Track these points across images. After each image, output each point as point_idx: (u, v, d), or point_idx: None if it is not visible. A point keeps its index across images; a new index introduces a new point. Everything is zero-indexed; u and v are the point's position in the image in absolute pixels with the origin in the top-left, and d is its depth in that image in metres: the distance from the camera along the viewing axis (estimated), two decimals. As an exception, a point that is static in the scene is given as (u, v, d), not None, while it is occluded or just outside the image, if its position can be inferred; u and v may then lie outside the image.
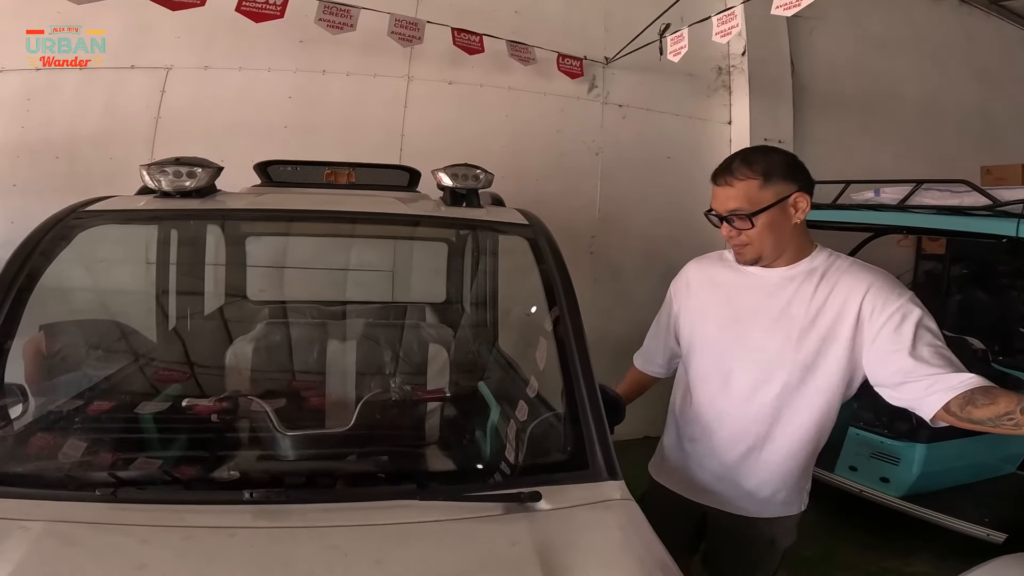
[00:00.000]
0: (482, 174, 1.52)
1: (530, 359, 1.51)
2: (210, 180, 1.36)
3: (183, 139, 3.03)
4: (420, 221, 1.43)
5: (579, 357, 1.22)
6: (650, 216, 3.56)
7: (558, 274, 1.32)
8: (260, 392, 1.80)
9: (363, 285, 2.89)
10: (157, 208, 1.29)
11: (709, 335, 1.33)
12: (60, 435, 1.26)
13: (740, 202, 1.19)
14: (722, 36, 2.61)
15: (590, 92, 3.56)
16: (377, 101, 3.22)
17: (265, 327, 1.99)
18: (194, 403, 1.48)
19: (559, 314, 1.28)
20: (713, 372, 1.31)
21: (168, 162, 1.33)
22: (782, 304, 1.23)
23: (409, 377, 1.88)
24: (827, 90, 4.02)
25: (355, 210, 1.34)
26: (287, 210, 1.34)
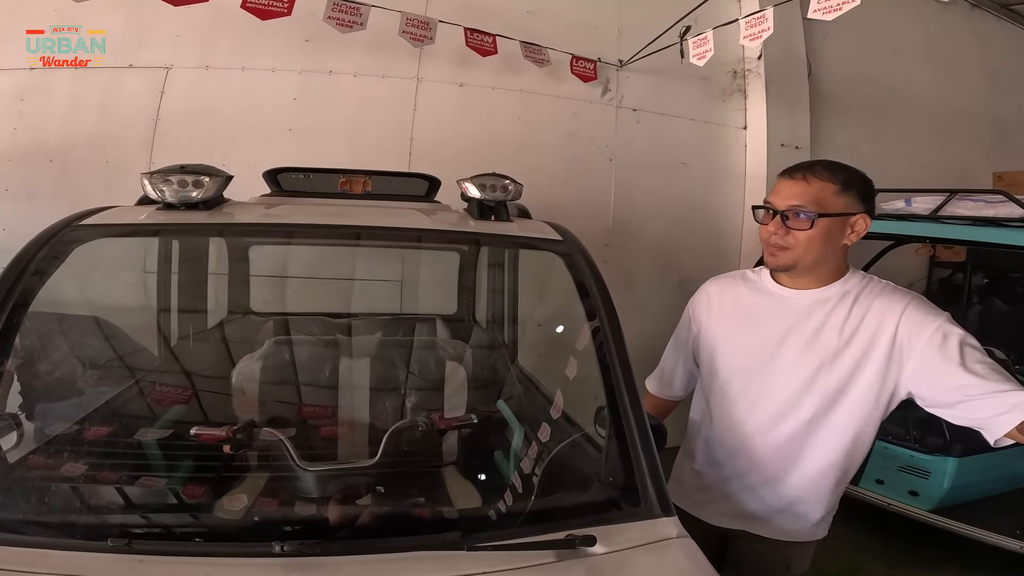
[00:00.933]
0: (511, 185, 1.41)
1: (556, 379, 1.44)
2: (218, 191, 1.25)
3: (183, 142, 2.93)
4: (451, 237, 1.31)
5: (626, 385, 1.14)
6: (665, 223, 3.47)
7: (599, 294, 1.22)
8: (269, 418, 1.71)
9: (370, 296, 2.78)
10: (160, 222, 1.18)
11: (734, 359, 1.28)
12: (61, 471, 1.16)
13: (808, 200, 1.14)
14: (751, 39, 2.51)
15: (604, 95, 3.46)
16: (385, 103, 3.11)
17: (273, 345, 1.89)
18: (202, 432, 1.38)
19: (602, 338, 1.18)
20: (738, 397, 1.26)
21: (172, 170, 1.21)
22: (813, 328, 1.18)
23: (426, 395, 1.79)
24: (842, 95, 3.96)
25: (381, 225, 1.23)
26: (305, 225, 1.23)
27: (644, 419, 1.11)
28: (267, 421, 1.69)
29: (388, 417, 1.75)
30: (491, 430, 1.61)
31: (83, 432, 1.34)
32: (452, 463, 1.70)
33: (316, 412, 1.76)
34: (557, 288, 1.41)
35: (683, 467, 1.42)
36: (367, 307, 2.65)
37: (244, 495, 1.32)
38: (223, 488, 1.32)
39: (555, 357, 2.04)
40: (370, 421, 1.73)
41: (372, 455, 1.32)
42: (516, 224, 1.39)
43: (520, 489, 1.27)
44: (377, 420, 1.71)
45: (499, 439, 1.58)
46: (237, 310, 2.44)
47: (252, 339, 2.33)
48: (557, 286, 1.51)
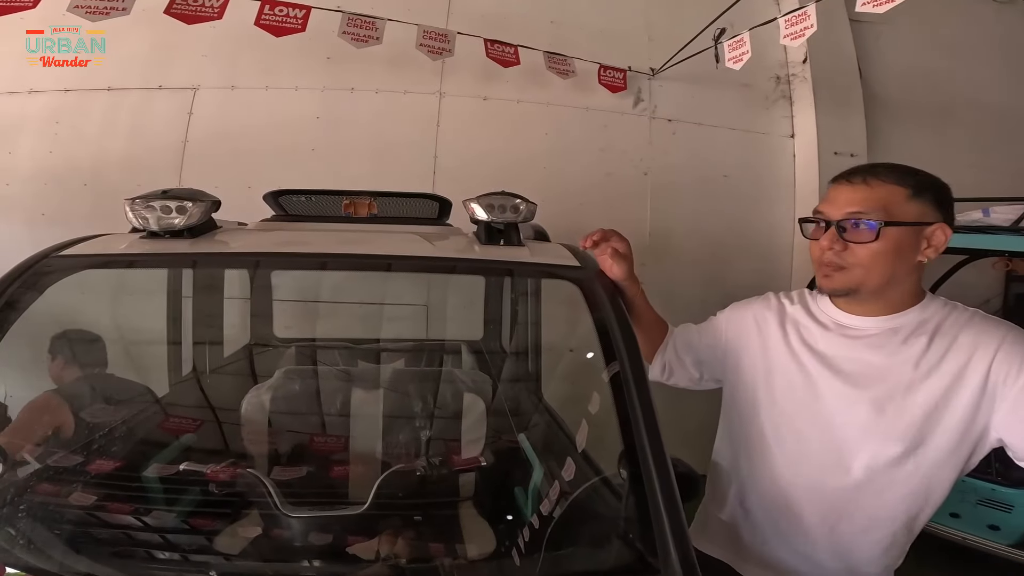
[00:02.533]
0: (523, 205, 1.26)
1: (579, 414, 1.31)
2: (203, 216, 1.14)
3: (210, 164, 2.94)
4: (449, 265, 1.17)
5: (647, 430, 0.96)
6: (706, 241, 3.23)
7: (620, 331, 1.05)
8: (273, 455, 1.63)
9: (396, 320, 2.69)
10: (137, 253, 1.08)
11: (777, 391, 1.07)
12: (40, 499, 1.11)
13: (872, 207, 0.94)
14: (793, 39, 2.30)
15: (636, 106, 3.29)
16: (408, 120, 3.04)
17: (282, 376, 1.81)
18: (193, 468, 1.30)
19: (622, 381, 1.01)
20: (783, 437, 1.06)
21: (154, 196, 1.12)
22: (882, 362, 0.97)
23: (442, 429, 1.67)
24: (899, 99, 3.65)
25: (371, 252, 1.10)
26: (289, 254, 1.11)
27: (669, 472, 0.93)
28: (270, 457, 1.63)
29: (399, 454, 1.65)
30: (510, 466, 1.51)
31: (74, 464, 1.28)
32: (469, 499, 1.57)
33: (323, 447, 1.66)
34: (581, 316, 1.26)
35: (709, 513, 1.22)
36: (393, 332, 2.56)
37: (231, 538, 1.23)
38: (212, 528, 1.22)
39: (578, 390, 1.91)
40: (378, 459, 1.63)
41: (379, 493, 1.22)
42: (528, 249, 1.23)
43: (535, 538, 1.13)
44: (387, 457, 1.61)
45: (520, 475, 1.48)
46: (259, 336, 2.41)
47: (273, 367, 2.34)
48: (581, 314, 1.39)
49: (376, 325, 2.64)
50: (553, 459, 1.50)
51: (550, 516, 1.14)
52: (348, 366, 2.08)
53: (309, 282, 2.61)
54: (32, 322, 1.61)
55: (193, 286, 2.03)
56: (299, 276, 2.58)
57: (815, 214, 1.01)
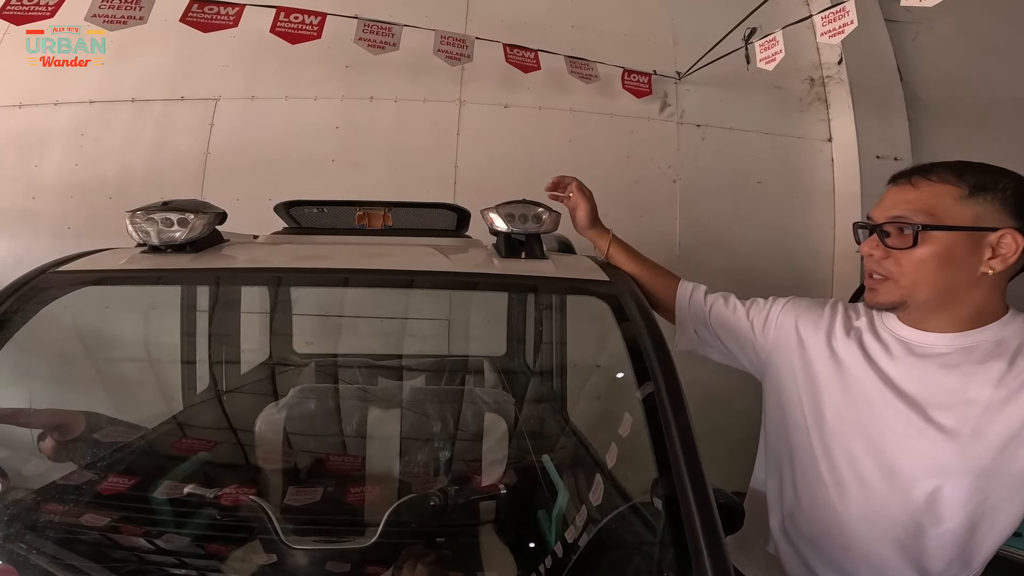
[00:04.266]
0: (545, 214, 1.17)
1: (607, 435, 1.24)
2: (207, 229, 1.08)
3: (231, 175, 2.92)
4: (466, 281, 1.07)
5: (686, 460, 0.85)
6: (741, 250, 3.07)
7: (653, 348, 0.94)
8: (287, 477, 1.57)
9: (417, 335, 2.62)
10: (136, 268, 1.01)
11: (831, 411, 0.95)
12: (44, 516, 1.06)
13: (913, 209, 0.85)
14: (831, 36, 2.16)
15: (662, 111, 3.17)
16: (428, 128, 2.97)
17: (297, 394, 1.75)
18: (197, 492, 1.24)
19: (657, 405, 0.90)
20: (836, 462, 0.94)
21: (154, 208, 1.06)
22: (955, 384, 0.86)
23: (461, 451, 1.60)
24: (942, 101, 3.45)
25: (381, 268, 1.01)
26: (293, 269, 1.03)
27: (711, 505, 0.82)
28: (278, 479, 1.57)
29: (416, 477, 1.58)
30: (534, 489, 1.44)
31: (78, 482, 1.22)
32: (490, 522, 1.48)
33: (338, 469, 1.59)
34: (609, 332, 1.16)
35: (751, 541, 1.10)
36: (415, 346, 2.50)
37: (230, 567, 1.16)
38: (211, 555, 1.15)
39: (606, 410, 1.81)
40: (395, 483, 1.55)
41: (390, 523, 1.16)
42: (552, 262, 1.13)
43: (559, 568, 1.06)
44: (403, 481, 1.54)
45: (543, 499, 1.40)
46: (278, 352, 2.37)
47: (292, 384, 2.29)
48: (609, 330, 1.29)
49: (397, 340, 2.58)
50: (579, 483, 1.41)
51: (575, 544, 1.07)
52: (368, 383, 2.05)
53: (330, 296, 2.57)
54: (47, 336, 1.59)
55: (209, 300, 1.98)
56: (319, 290, 2.54)
57: (864, 222, 0.92)
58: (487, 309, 2.50)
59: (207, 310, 1.98)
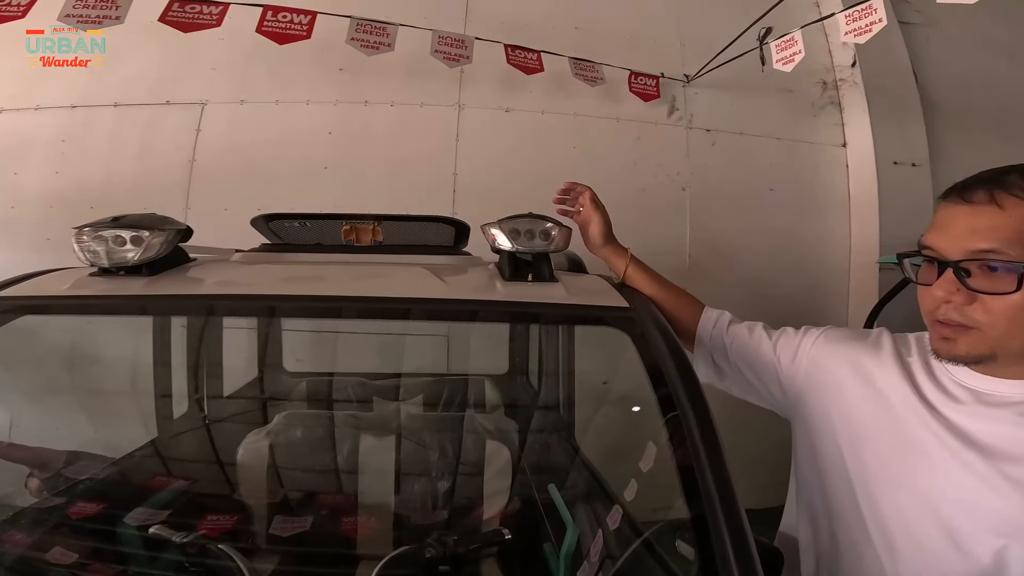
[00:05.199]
0: (555, 230, 1.02)
1: (623, 467, 1.16)
2: (165, 248, 0.93)
3: (219, 183, 2.78)
4: (464, 311, 0.92)
5: (724, 510, 0.72)
6: (753, 261, 2.94)
7: (684, 387, 0.81)
8: (270, 511, 1.42)
9: (413, 352, 2.47)
10: (78, 295, 0.87)
11: (872, 463, 0.80)
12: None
13: (1006, 239, 0.65)
14: (857, 35, 2.03)
15: (670, 116, 3.04)
16: (425, 134, 2.84)
17: (283, 420, 1.60)
18: (162, 534, 1.08)
19: (690, 450, 0.78)
20: (887, 525, 0.79)
21: (103, 224, 0.92)
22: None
23: (462, 483, 1.47)
24: (957, 104, 3.34)
25: (365, 296, 0.87)
26: (263, 297, 0.88)
27: (753, 561, 0.69)
28: (261, 514, 1.42)
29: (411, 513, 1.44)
30: (539, 522, 1.35)
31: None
32: (492, 556, 1.35)
33: (326, 505, 1.44)
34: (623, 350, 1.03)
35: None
36: (410, 364, 2.36)
37: None
38: None
39: (620, 437, 1.67)
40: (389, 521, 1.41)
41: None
42: (563, 285, 0.99)
43: None
44: (398, 518, 1.40)
45: (549, 533, 1.31)
46: (267, 370, 2.24)
47: (283, 402, 2.10)
48: (623, 349, 1.16)
49: (393, 357, 2.44)
50: (591, 519, 1.30)
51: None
52: (362, 404, 1.92)
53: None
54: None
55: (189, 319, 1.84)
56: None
57: (923, 249, 0.73)
58: (487, 326, 2.36)
59: (185, 326, 1.84)
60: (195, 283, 0.92)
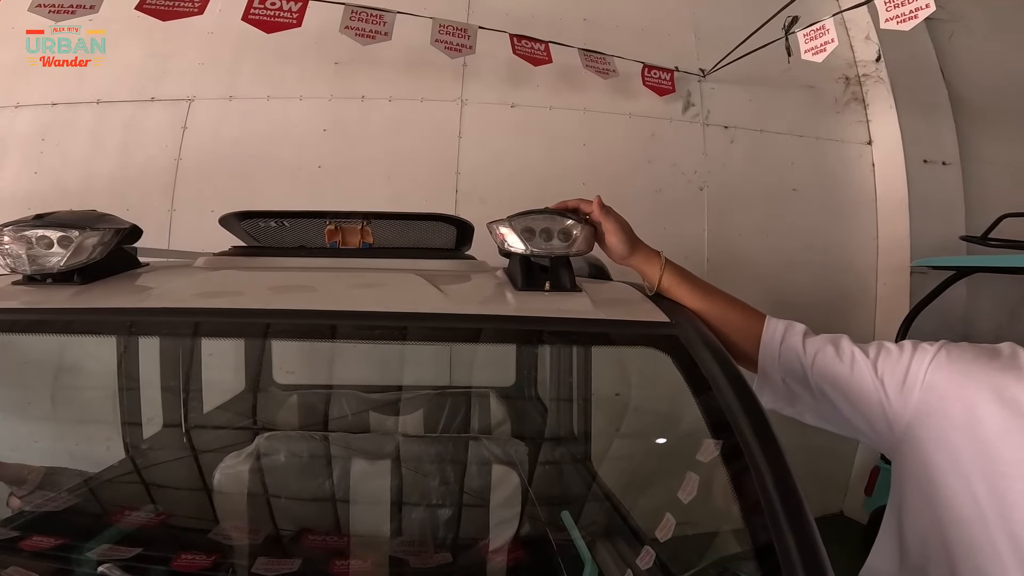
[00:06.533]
0: (576, 229, 0.85)
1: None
2: (100, 251, 0.76)
3: (206, 184, 2.63)
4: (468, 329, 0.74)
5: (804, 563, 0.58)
6: (775, 264, 2.77)
7: (746, 418, 0.64)
8: (251, 547, 1.25)
9: (413, 364, 2.31)
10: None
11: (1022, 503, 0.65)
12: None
13: None
14: (900, 22, 1.85)
15: (686, 112, 2.87)
16: (426, 131, 2.68)
17: (265, 443, 1.44)
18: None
19: (758, 490, 0.64)
20: None
21: (25, 223, 0.75)
22: None
23: (466, 514, 1.33)
24: (984, 102, 3.17)
25: (344, 309, 0.69)
26: (211, 311, 0.70)
27: None
28: (241, 550, 1.25)
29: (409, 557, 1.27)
30: (552, 551, 1.20)
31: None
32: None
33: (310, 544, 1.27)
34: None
35: None
36: (410, 375, 2.19)
37: None
38: None
39: (643, 463, 1.51)
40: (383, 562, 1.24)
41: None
42: (587, 296, 0.81)
43: None
44: (391, 561, 1.23)
45: (562, 564, 1.17)
46: (255, 383, 2.07)
47: (272, 418, 1.97)
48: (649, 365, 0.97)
49: (391, 367, 2.27)
50: (609, 551, 1.16)
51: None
52: (357, 419, 1.77)
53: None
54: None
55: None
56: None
57: None
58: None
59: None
60: (135, 294, 0.75)
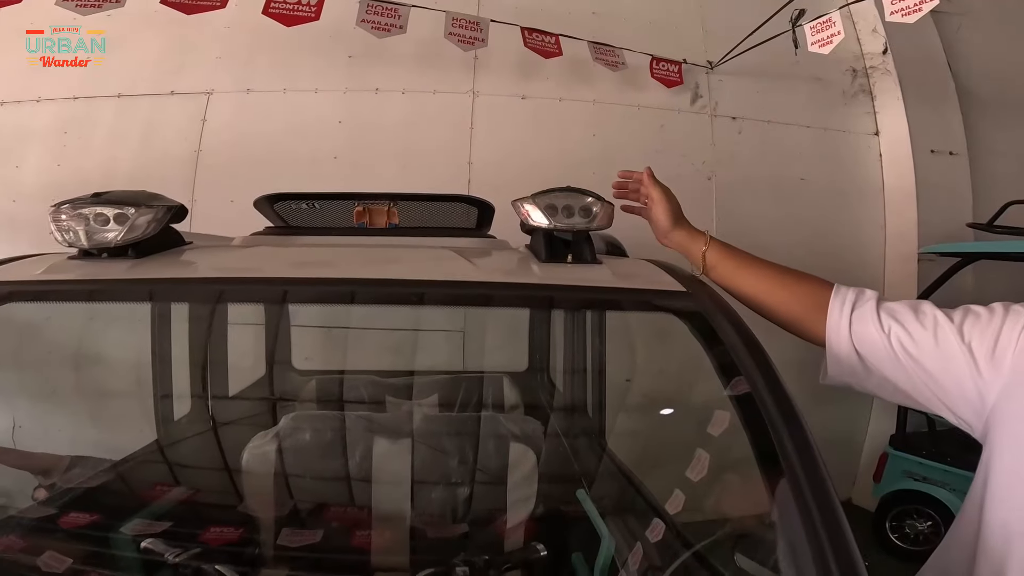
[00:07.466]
0: (596, 205, 0.90)
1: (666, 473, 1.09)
2: (153, 227, 0.82)
3: (225, 174, 2.68)
4: (497, 295, 0.79)
5: (827, 530, 0.56)
6: (784, 251, 2.73)
7: (765, 382, 0.67)
8: (278, 522, 1.30)
9: (428, 349, 2.36)
10: (51, 280, 0.75)
11: None
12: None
13: None
14: (905, 14, 1.89)
15: (694, 103, 2.90)
16: (438, 122, 2.72)
17: (290, 423, 1.49)
18: (154, 549, 0.96)
19: (777, 451, 0.64)
20: None
21: (83, 202, 0.80)
22: None
23: (483, 492, 1.36)
24: (992, 94, 3.19)
25: (385, 278, 0.74)
26: (264, 280, 0.76)
27: None
28: (268, 525, 1.30)
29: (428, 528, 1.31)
30: (568, 529, 1.26)
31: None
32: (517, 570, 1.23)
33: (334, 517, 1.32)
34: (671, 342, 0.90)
35: None
36: (426, 362, 2.24)
37: None
38: None
39: (657, 440, 1.47)
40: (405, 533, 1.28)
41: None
42: (608, 268, 0.86)
43: None
44: (415, 531, 1.28)
45: (579, 541, 1.21)
46: (275, 369, 2.12)
47: (291, 403, 1.99)
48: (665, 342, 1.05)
49: (406, 354, 2.33)
50: (624, 524, 1.19)
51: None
52: (374, 403, 1.79)
53: (331, 307, 2.31)
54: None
55: (190, 310, 1.73)
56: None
57: None
58: (505, 319, 2.24)
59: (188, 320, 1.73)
60: (187, 266, 0.81)
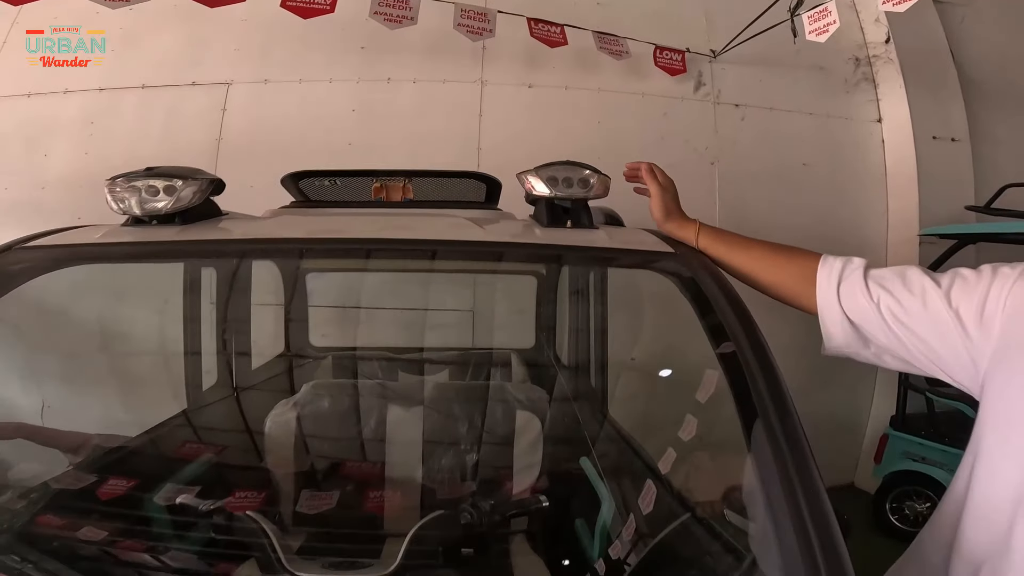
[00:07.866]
0: (593, 177, 0.99)
1: (662, 438, 1.13)
2: (198, 198, 0.92)
3: (245, 162, 2.78)
4: (506, 252, 0.89)
5: (799, 473, 0.62)
6: (786, 238, 2.79)
7: (746, 336, 0.76)
8: (299, 482, 1.40)
9: (437, 327, 2.46)
10: (111, 242, 0.86)
11: None
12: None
13: None
14: (897, 3, 1.95)
15: (697, 91, 2.96)
16: (448, 110, 2.81)
17: (310, 391, 1.59)
18: (190, 503, 1.07)
19: (754, 400, 0.71)
20: None
21: (137, 175, 0.91)
22: None
23: (490, 455, 1.44)
24: (994, 83, 3.22)
25: (406, 238, 0.84)
26: (300, 240, 0.86)
27: (835, 533, 0.58)
28: (289, 485, 1.41)
29: (440, 484, 1.41)
30: (571, 496, 1.31)
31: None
32: (522, 532, 1.31)
33: (354, 475, 1.42)
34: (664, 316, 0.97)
35: None
36: (436, 339, 2.34)
37: None
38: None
39: (654, 407, 1.61)
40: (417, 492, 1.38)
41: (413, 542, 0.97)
42: (604, 232, 0.95)
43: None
44: (426, 490, 1.37)
45: (582, 506, 1.27)
46: (294, 345, 2.23)
47: (309, 378, 2.06)
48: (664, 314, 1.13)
49: (418, 332, 2.43)
50: (626, 491, 1.26)
51: (624, 562, 0.94)
52: (388, 378, 1.88)
53: (346, 286, 2.42)
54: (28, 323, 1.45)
55: (217, 287, 1.84)
56: (335, 280, 2.39)
57: None
58: (513, 299, 2.33)
59: (214, 301, 1.84)
60: (228, 231, 0.91)
